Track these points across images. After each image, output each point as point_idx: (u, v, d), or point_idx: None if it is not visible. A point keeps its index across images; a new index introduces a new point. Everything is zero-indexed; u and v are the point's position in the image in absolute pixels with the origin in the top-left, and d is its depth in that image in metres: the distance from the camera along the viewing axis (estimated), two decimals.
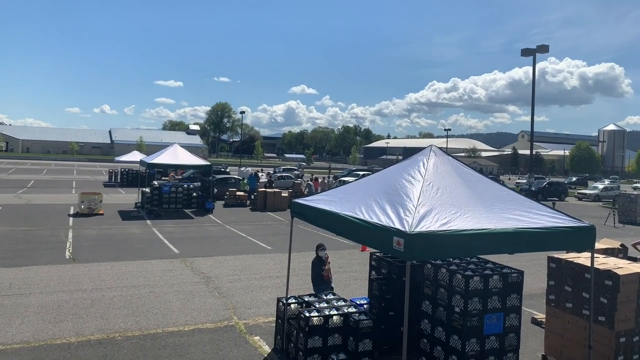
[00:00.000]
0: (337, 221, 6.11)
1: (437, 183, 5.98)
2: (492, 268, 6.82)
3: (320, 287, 8.58)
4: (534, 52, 28.11)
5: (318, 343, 6.67)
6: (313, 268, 8.74)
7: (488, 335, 6.34)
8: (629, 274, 6.86)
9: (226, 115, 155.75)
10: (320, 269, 8.68)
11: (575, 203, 40.86)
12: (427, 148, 6.85)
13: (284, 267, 8.22)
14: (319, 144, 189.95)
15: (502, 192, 6.37)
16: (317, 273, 8.67)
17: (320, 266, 8.71)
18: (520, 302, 6.61)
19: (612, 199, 40.88)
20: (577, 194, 46.24)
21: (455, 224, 5.26)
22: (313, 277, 8.75)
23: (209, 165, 26.36)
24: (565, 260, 7.53)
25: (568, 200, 41.48)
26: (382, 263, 7.97)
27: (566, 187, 44.94)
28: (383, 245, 5.38)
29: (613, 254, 9.55)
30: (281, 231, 19.33)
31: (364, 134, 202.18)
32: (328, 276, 8.78)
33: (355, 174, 44.42)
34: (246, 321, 9.03)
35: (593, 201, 42.65)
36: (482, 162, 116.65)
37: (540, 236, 5.60)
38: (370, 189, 6.41)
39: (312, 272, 8.76)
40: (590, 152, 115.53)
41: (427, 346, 6.82)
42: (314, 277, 8.74)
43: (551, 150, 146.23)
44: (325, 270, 8.71)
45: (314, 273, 8.73)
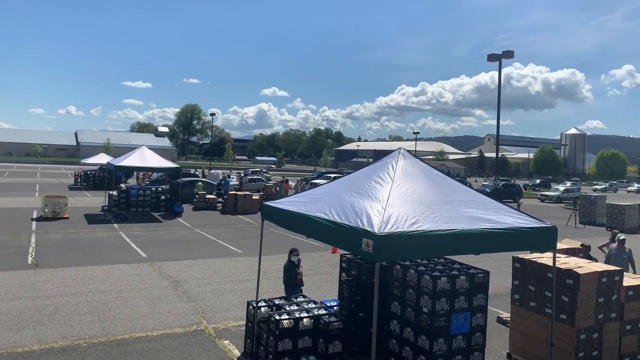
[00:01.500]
0: (307, 223, 6.12)
1: (405, 185, 6.07)
2: (459, 269, 6.95)
3: (293, 290, 8.58)
4: (499, 58, 28.75)
5: (288, 346, 6.66)
6: (286, 272, 8.73)
7: (455, 334, 6.46)
8: (589, 273, 7.11)
9: (196, 117, 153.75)
10: (294, 273, 8.69)
11: (538, 204, 41.98)
12: (396, 151, 6.94)
13: (254, 271, 8.17)
14: (291, 146, 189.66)
15: (468, 194, 6.51)
16: (290, 277, 8.66)
17: (293, 270, 8.71)
18: (486, 301, 6.76)
19: (573, 200, 42.27)
20: (540, 195, 47.45)
21: (423, 225, 5.34)
22: (285, 281, 8.74)
23: (178, 167, 26.00)
24: (529, 260, 7.74)
25: (522, 202, 42.60)
26: (352, 265, 8.03)
27: (520, 189, 45.78)
28: (352, 247, 5.41)
29: (574, 253, 9.88)
30: (252, 234, 19.22)
31: (335, 136, 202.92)
32: (300, 280, 8.79)
33: (327, 176, 44.58)
34: (216, 325, 8.94)
35: (555, 202, 43.87)
36: (449, 165, 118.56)
37: (505, 237, 5.74)
38: (341, 191, 6.44)
39: (285, 276, 8.74)
40: (553, 155, 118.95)
41: (396, 347, 6.90)
42: (286, 281, 8.73)
43: (516, 153, 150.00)
44: (298, 274, 8.72)
45: (286, 277, 8.72)
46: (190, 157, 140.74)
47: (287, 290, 8.65)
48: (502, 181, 50.84)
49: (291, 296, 8.00)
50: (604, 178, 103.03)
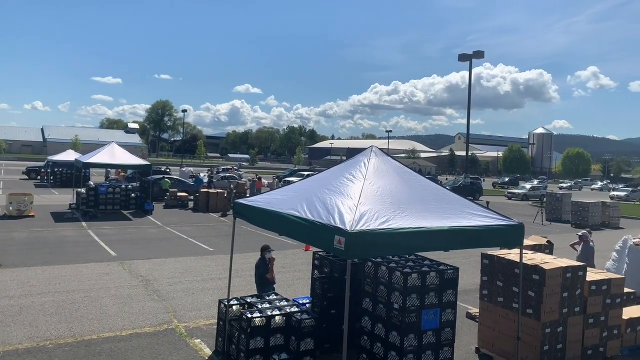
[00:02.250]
0: (279, 221, 6.12)
1: (377, 183, 6.13)
2: (429, 265, 7.05)
3: (265, 288, 8.54)
4: (470, 58, 29.26)
5: (260, 344, 6.64)
6: (257, 270, 8.68)
7: (425, 330, 6.55)
8: (554, 269, 7.31)
9: (167, 113, 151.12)
10: (265, 270, 8.65)
11: (507, 202, 42.90)
12: (368, 149, 7.00)
13: (226, 269, 8.13)
14: (264, 144, 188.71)
15: (438, 191, 6.62)
16: (262, 275, 8.63)
17: (265, 268, 8.66)
18: (455, 297, 6.88)
19: (539, 197, 43.36)
20: (507, 193, 48.31)
21: (394, 222, 5.41)
22: (257, 279, 8.69)
23: (149, 164, 25.57)
24: (497, 256, 7.92)
25: (490, 200, 43.40)
26: (324, 262, 8.06)
27: (480, 186, 46.25)
28: (324, 244, 5.44)
29: (540, 249, 10.14)
30: (223, 232, 19.07)
31: (309, 134, 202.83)
32: (272, 277, 8.76)
33: (300, 174, 44.52)
34: (187, 324, 8.85)
35: (521, 200, 44.84)
36: (421, 163, 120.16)
37: (474, 234, 5.87)
38: (313, 188, 6.46)
39: (256, 273, 8.69)
40: (521, 154, 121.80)
41: (367, 343, 6.96)
42: (258, 279, 8.68)
43: (486, 151, 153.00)
44: (269, 272, 8.68)
45: (258, 275, 8.67)
46: (162, 154, 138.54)
47: (259, 288, 8.61)
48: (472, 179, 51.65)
49: (263, 294, 7.98)
50: (570, 176, 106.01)
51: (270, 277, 8.64)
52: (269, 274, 8.62)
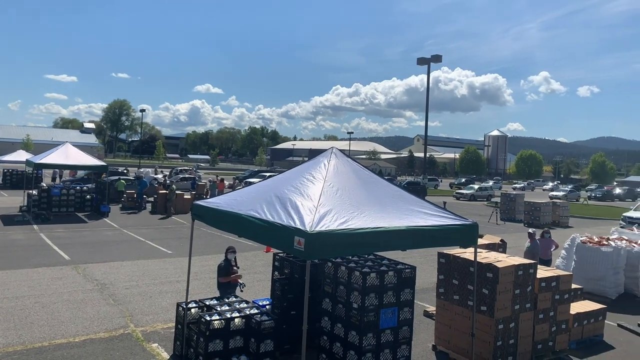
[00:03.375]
0: (239, 222, 6.08)
1: (337, 184, 6.18)
2: (387, 264, 7.17)
3: (228, 290, 8.49)
4: (428, 62, 29.86)
5: (219, 346, 6.58)
6: (221, 271, 8.58)
7: (384, 329, 6.66)
8: (507, 267, 7.58)
9: (125, 113, 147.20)
10: (228, 272, 8.57)
11: (463, 203, 44.01)
12: (328, 150, 7.05)
13: (185, 272, 8.00)
14: (225, 144, 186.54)
15: (396, 192, 6.74)
16: (226, 276, 8.57)
17: (229, 269, 8.59)
18: (413, 296, 7.02)
19: (486, 197, 44.59)
20: (455, 193, 48.95)
21: (353, 222, 5.48)
22: (220, 281, 8.61)
23: (105, 165, 24.83)
24: (453, 255, 8.14)
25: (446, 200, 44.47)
26: (285, 263, 8.06)
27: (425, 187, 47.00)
28: (284, 245, 5.45)
29: (494, 248, 10.49)
30: (183, 234, 18.75)
31: (271, 135, 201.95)
32: (236, 279, 8.71)
33: (262, 175, 44.27)
34: (144, 328, 8.66)
35: (469, 200, 45.58)
36: (381, 164, 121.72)
37: (430, 233, 6.01)
38: (273, 190, 6.45)
39: (219, 275, 8.62)
40: (477, 155, 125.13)
41: (326, 343, 7.02)
42: (221, 281, 8.60)
43: (443, 153, 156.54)
44: (233, 273, 8.63)
45: (221, 276, 8.61)
46: (119, 154, 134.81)
47: (220, 289, 8.54)
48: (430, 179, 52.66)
49: (223, 296, 7.92)
50: (523, 177, 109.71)
51: (234, 279, 8.60)
52: (233, 276, 8.57)
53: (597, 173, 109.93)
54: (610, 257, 11.98)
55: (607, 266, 11.94)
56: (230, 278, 8.57)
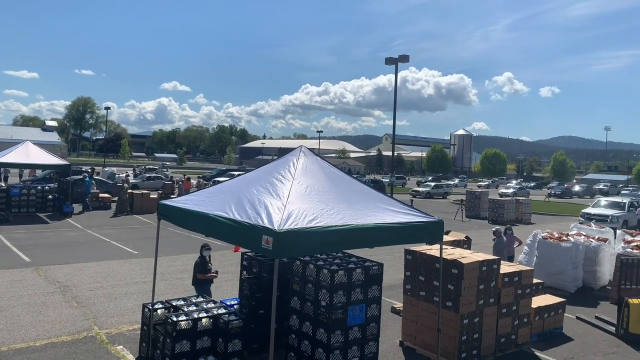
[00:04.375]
0: (206, 222, 6.03)
1: (305, 182, 6.21)
2: (355, 262, 7.23)
3: (204, 287, 8.53)
4: (396, 61, 30.21)
5: (186, 347, 6.51)
6: (198, 267, 8.60)
7: (351, 326, 6.72)
8: (471, 263, 7.75)
9: (89, 111, 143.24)
10: (205, 269, 8.59)
11: (431, 200, 44.74)
12: (297, 149, 7.06)
13: (151, 272, 7.87)
14: (193, 143, 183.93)
15: (364, 190, 6.81)
16: (202, 273, 8.57)
17: (205, 267, 8.62)
18: (380, 293, 7.11)
19: (442, 195, 45.46)
20: (411, 191, 49.08)
21: (321, 221, 5.51)
22: (198, 277, 8.61)
23: (68, 164, 24.13)
24: (419, 252, 8.27)
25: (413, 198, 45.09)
26: (253, 262, 8.04)
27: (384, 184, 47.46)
28: (252, 244, 5.44)
29: (459, 245, 10.71)
30: (149, 234, 18.40)
31: (240, 134, 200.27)
32: (212, 278, 8.73)
33: (230, 174, 43.87)
34: (108, 330, 8.48)
35: (425, 198, 45.95)
36: (350, 163, 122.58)
37: (397, 231, 6.10)
38: (241, 188, 6.42)
39: (197, 271, 8.60)
40: (444, 154, 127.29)
41: (295, 341, 7.03)
42: (197, 279, 8.61)
43: (411, 152, 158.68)
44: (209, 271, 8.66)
45: (199, 272, 8.60)
46: (83, 153, 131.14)
47: (197, 287, 8.57)
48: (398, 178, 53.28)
49: (199, 294, 7.92)
50: (488, 175, 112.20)
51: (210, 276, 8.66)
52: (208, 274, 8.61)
53: (558, 171, 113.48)
54: (570, 252, 12.41)
55: (566, 261, 12.36)
56: (208, 276, 8.61)
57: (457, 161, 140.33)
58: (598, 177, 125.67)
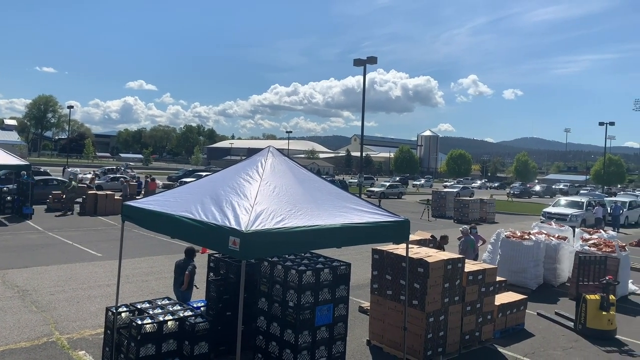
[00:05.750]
0: (171, 223, 5.93)
1: (273, 182, 6.19)
2: (323, 262, 7.26)
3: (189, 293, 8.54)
4: (364, 63, 30.49)
5: (151, 350, 6.40)
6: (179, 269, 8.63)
7: (319, 326, 6.74)
8: (437, 261, 7.90)
9: (51, 109, 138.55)
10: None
11: (398, 200, 45.26)
12: (265, 149, 7.04)
13: (116, 275, 7.70)
14: (159, 143, 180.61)
15: (333, 190, 6.84)
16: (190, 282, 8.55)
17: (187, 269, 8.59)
18: (348, 292, 7.16)
19: (397, 195, 46.11)
20: (366, 191, 49.34)
21: (289, 221, 5.50)
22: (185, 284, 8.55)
23: (27, 165, 23.32)
24: (386, 251, 8.37)
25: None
26: (220, 264, 7.97)
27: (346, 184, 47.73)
28: (219, 246, 5.38)
29: (425, 244, 10.89)
30: (113, 236, 18.00)
31: (208, 134, 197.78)
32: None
33: (197, 174, 43.29)
34: (70, 335, 8.25)
35: (379, 198, 46.30)
36: (320, 163, 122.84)
37: (365, 230, 6.14)
38: (208, 189, 6.36)
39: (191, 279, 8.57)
40: (411, 155, 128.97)
41: (262, 343, 7.01)
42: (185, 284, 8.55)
43: (379, 152, 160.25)
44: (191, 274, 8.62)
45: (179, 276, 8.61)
46: (44, 153, 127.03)
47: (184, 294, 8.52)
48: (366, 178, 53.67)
49: (156, 299, 7.76)
50: (453, 176, 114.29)
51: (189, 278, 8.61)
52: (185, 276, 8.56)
53: (521, 171, 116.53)
54: (531, 251, 12.79)
55: (528, 259, 12.73)
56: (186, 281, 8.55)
57: (423, 162, 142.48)
58: (558, 177, 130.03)
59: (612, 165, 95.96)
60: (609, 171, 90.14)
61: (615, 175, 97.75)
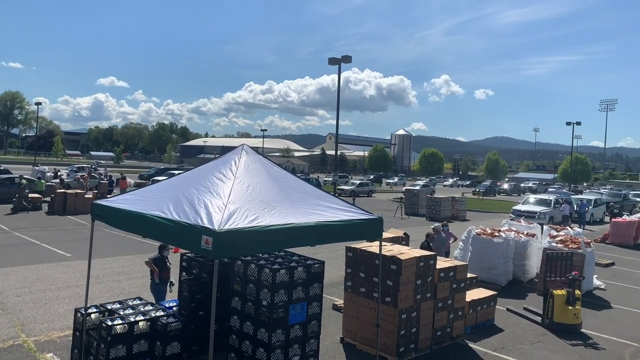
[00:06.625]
0: (143, 222, 5.84)
1: (247, 181, 6.15)
2: (297, 260, 7.26)
3: (164, 287, 8.51)
4: (339, 62, 30.58)
5: (122, 352, 6.30)
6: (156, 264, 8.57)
7: (293, 324, 6.74)
8: (409, 259, 7.99)
9: (18, 106, 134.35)
10: (165, 266, 8.56)
11: (372, 198, 45.57)
12: (238, 147, 6.99)
13: (85, 275, 7.52)
14: (131, 141, 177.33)
15: (307, 189, 6.84)
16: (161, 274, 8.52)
17: (165, 266, 8.55)
18: (321, 290, 7.18)
19: (367, 193, 46.61)
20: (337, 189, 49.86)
21: (263, 220, 5.48)
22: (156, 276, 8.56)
23: None
24: (360, 249, 8.43)
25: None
26: (193, 263, 7.89)
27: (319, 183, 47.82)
28: (192, 245, 5.32)
29: (398, 241, 11.01)
30: (83, 236, 17.60)
31: (181, 131, 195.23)
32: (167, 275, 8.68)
33: (169, 173, 42.71)
34: (37, 338, 8.04)
35: (349, 196, 46.66)
36: (295, 162, 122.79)
37: (339, 228, 6.16)
38: (180, 187, 6.28)
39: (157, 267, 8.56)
40: (385, 153, 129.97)
41: (235, 342, 6.97)
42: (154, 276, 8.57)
43: (354, 151, 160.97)
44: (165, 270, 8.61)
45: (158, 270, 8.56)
46: (11, 151, 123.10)
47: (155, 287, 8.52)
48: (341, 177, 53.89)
49: (127, 300, 7.65)
50: (426, 174, 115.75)
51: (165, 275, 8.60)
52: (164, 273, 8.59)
53: (492, 170, 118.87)
54: (501, 247, 13.06)
55: (498, 256, 12.99)
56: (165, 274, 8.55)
57: (397, 160, 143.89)
58: (528, 175, 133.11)
59: (579, 164, 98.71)
60: (576, 170, 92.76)
61: (581, 174, 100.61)
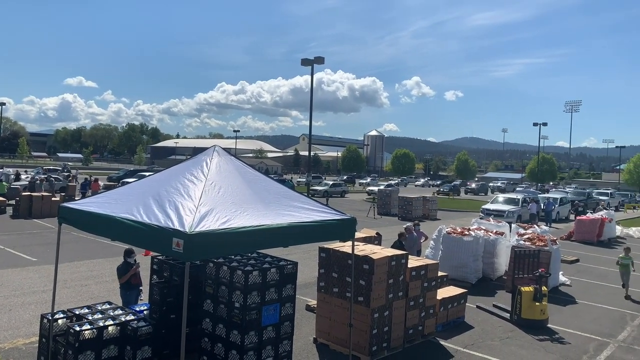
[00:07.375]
0: (112, 225, 5.74)
1: (219, 182, 6.10)
2: (270, 261, 7.23)
3: (130, 293, 8.35)
4: (312, 63, 30.66)
5: (90, 358, 6.16)
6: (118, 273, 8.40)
7: (265, 326, 6.72)
8: (382, 258, 8.07)
9: None
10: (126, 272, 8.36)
11: (345, 199, 45.76)
12: (210, 148, 6.93)
13: (52, 280, 7.32)
14: (100, 142, 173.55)
15: (279, 189, 6.83)
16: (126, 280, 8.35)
17: (126, 271, 8.36)
18: (294, 291, 7.18)
19: (340, 193, 47.03)
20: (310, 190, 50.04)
21: (235, 221, 5.45)
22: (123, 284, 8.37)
23: None
24: (332, 249, 8.46)
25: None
26: (164, 266, 7.77)
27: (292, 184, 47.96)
28: (162, 248, 5.25)
29: (370, 241, 11.10)
30: (49, 240, 17.14)
31: (152, 132, 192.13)
32: (137, 281, 8.50)
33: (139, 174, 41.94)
34: (1, 345, 7.79)
35: (323, 196, 46.87)
36: (268, 163, 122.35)
37: (312, 229, 6.17)
38: (150, 189, 6.19)
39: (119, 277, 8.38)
40: (358, 154, 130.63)
41: (208, 345, 6.91)
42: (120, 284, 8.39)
43: (327, 152, 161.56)
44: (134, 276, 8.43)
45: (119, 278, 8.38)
46: None
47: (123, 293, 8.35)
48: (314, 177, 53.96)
49: (96, 304, 7.48)
50: (398, 174, 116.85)
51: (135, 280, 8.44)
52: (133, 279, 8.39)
53: (462, 170, 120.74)
54: (471, 246, 13.31)
55: (468, 254, 13.24)
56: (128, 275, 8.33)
57: (370, 161, 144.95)
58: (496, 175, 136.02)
59: (545, 163, 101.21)
60: (543, 169, 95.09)
61: (548, 173, 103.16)
